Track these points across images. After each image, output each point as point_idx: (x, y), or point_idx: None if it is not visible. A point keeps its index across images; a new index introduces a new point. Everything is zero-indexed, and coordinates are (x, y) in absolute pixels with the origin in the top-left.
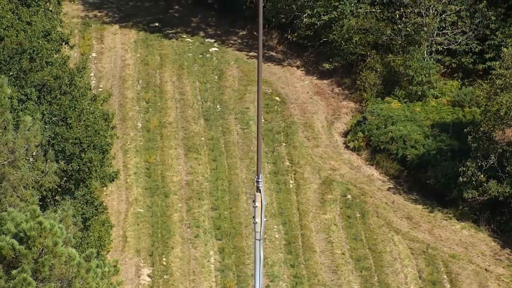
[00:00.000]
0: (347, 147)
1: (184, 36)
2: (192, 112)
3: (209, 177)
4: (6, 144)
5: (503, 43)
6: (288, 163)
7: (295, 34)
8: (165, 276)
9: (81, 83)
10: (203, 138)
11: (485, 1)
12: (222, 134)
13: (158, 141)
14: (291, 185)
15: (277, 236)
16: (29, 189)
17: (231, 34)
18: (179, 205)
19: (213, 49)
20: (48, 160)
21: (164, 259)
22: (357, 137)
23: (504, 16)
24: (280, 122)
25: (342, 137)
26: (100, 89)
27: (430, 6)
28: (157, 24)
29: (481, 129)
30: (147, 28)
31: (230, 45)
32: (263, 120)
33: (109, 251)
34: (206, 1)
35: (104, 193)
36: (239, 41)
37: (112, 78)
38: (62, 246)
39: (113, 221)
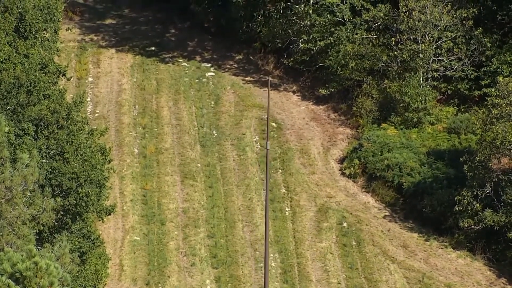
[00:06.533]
0: (343, 174)
1: (181, 60)
2: (188, 138)
3: (205, 204)
4: (3, 181)
5: (498, 69)
6: (284, 190)
7: (291, 59)
8: None
9: (78, 117)
10: (199, 165)
11: (480, 28)
12: (218, 161)
13: (154, 167)
14: (287, 212)
15: (273, 264)
16: (26, 223)
17: (227, 58)
18: (176, 232)
19: (210, 73)
20: (46, 198)
21: None
22: (353, 164)
23: (499, 42)
24: (276, 148)
25: (338, 163)
26: (96, 114)
27: (426, 33)
28: (153, 48)
29: (477, 158)
30: (144, 52)
31: (226, 69)
32: (259, 146)
33: (105, 284)
34: (202, 25)
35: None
36: (235, 65)
37: (109, 103)
38: (58, 285)
39: (110, 249)
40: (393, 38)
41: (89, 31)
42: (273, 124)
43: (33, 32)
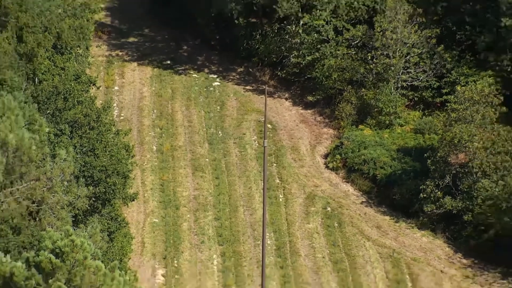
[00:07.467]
0: (327, 167)
1: (192, 72)
2: (198, 137)
3: (212, 192)
4: (45, 173)
5: (457, 80)
6: (278, 181)
7: (284, 71)
8: (176, 276)
9: (106, 119)
10: (207, 159)
11: (442, 45)
12: (223, 156)
13: (170, 161)
14: (280, 199)
15: (269, 242)
16: (64, 208)
17: (230, 70)
18: (188, 215)
19: (216, 83)
20: (80, 187)
21: (176, 261)
22: (335, 159)
23: (458, 57)
24: (271, 146)
25: (323, 158)
26: (121, 118)
27: (396, 49)
28: (169, 62)
29: (438, 154)
30: (161, 65)
31: (230, 80)
32: (257, 144)
33: (130, 258)
34: (210, 42)
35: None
36: (237, 76)
37: (132, 108)
38: (91, 259)
39: (133, 229)
40: (369, 54)
41: (115, 48)
42: (269, 125)
43: (69, 49)
